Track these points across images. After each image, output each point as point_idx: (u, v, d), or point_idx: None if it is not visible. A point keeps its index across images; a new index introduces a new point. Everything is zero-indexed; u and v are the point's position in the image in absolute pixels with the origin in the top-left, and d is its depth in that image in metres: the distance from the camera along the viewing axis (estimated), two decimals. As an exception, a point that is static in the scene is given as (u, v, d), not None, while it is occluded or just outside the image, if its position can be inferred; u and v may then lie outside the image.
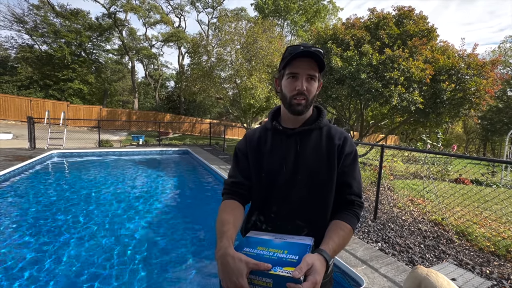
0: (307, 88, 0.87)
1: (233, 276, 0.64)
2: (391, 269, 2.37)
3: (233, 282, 0.64)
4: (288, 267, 0.63)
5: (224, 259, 0.68)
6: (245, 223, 1.01)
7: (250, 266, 0.64)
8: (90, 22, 20.81)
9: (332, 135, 0.93)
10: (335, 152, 0.90)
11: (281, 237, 0.83)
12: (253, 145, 0.99)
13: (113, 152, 8.91)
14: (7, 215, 3.66)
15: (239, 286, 0.63)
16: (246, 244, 0.78)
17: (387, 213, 4.03)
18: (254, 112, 14.77)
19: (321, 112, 0.98)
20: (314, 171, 0.89)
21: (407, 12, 7.32)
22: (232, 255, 0.67)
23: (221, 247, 0.72)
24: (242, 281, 0.63)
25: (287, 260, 0.67)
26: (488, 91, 6.61)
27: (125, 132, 17.23)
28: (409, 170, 7.33)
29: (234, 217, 0.86)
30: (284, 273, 0.61)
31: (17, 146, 8.42)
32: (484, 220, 3.79)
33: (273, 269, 0.63)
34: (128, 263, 2.66)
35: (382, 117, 9.56)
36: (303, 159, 0.90)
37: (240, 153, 1.02)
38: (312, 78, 0.88)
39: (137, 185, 5.55)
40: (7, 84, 17.59)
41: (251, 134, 1.04)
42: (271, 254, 0.71)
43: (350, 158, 0.92)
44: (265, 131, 1.01)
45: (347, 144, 0.92)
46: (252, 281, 0.64)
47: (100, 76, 22.38)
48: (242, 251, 0.73)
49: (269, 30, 12.69)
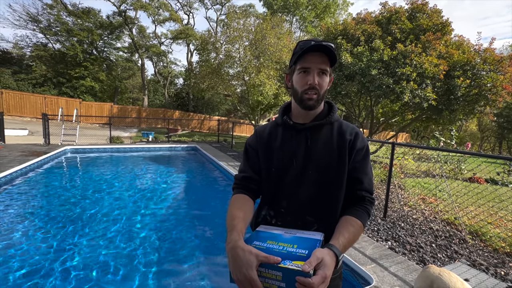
0: (318, 82, 0.86)
1: (243, 268, 0.65)
2: (401, 268, 2.34)
3: (243, 274, 0.65)
4: (298, 261, 0.64)
5: (234, 251, 0.69)
6: (255, 218, 1.01)
7: (260, 258, 0.65)
8: (101, 20, 21.17)
9: (343, 131, 0.92)
10: (346, 148, 0.89)
11: (291, 232, 0.83)
12: (263, 141, 0.99)
13: (124, 148, 9.08)
14: (24, 207, 3.80)
15: (249, 277, 0.64)
16: (256, 238, 0.79)
17: (397, 212, 3.96)
18: (262, 109, 14.73)
19: (332, 108, 0.97)
20: (324, 166, 0.89)
21: (421, 6, 7.10)
22: (242, 248, 0.68)
23: (231, 240, 0.73)
24: (252, 273, 0.64)
25: (297, 254, 0.67)
26: (506, 87, 6.36)
27: (135, 128, 17.52)
28: (421, 168, 7.17)
29: (244, 211, 0.86)
30: (293, 267, 0.61)
31: (33, 142, 8.69)
32: (500, 220, 3.68)
33: (282, 262, 0.63)
34: (139, 252, 2.72)
35: (393, 114, 9.36)
36: (313, 154, 0.90)
37: (251, 148, 1.02)
38: (323, 73, 0.87)
39: (147, 180, 5.65)
40: (22, 82, 18.15)
41: (261, 130, 1.04)
42: (281, 248, 0.71)
43: (362, 153, 0.90)
44: (275, 126, 1.01)
45: (358, 139, 0.91)
46: (262, 273, 0.65)
47: (111, 73, 22.79)
48: (252, 244, 0.73)
49: (277, 26, 12.58)
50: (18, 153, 6.58)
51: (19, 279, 2.27)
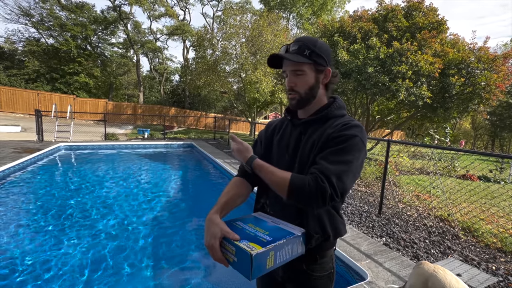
0: (296, 83, 0.90)
1: (208, 236, 0.77)
2: (395, 264, 2.37)
3: (207, 241, 0.77)
4: (254, 244, 0.70)
5: (207, 222, 0.80)
6: (255, 204, 1.07)
7: (223, 232, 0.75)
8: (95, 15, 20.80)
9: (335, 125, 0.87)
10: (324, 139, 0.84)
11: (276, 222, 0.88)
12: (267, 134, 1.07)
13: (119, 145, 9.00)
14: (17, 204, 3.75)
15: (211, 245, 0.75)
16: (242, 220, 0.88)
17: (392, 208, 4.01)
18: (259, 106, 14.72)
19: (332, 103, 0.95)
20: (305, 160, 0.88)
21: (417, 4, 7.12)
22: (213, 220, 0.79)
23: (210, 212, 0.83)
24: (214, 242, 0.75)
25: (259, 239, 0.74)
26: (499, 85, 6.44)
27: (130, 125, 17.36)
28: (415, 165, 7.25)
29: (234, 192, 0.94)
30: (245, 247, 0.69)
31: (26, 138, 8.56)
32: (491, 216, 3.75)
33: (240, 241, 0.72)
34: (134, 249, 2.71)
35: (389, 112, 9.42)
36: (301, 148, 0.91)
37: (259, 139, 1.11)
38: (297, 74, 0.89)
39: (142, 177, 5.61)
40: (15, 77, 17.80)
41: (270, 124, 1.12)
42: (252, 231, 0.79)
43: (337, 140, 0.81)
44: (281, 121, 1.07)
45: (341, 128, 0.83)
46: (224, 246, 0.75)
47: (106, 69, 22.47)
48: (234, 222, 0.84)
49: (274, 23, 12.52)
50: (10, 150, 6.47)
51: (8, 277, 2.24)
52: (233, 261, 0.72)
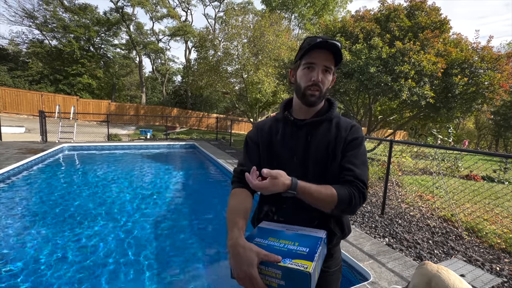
0: (322, 79, 0.87)
1: (243, 266, 0.65)
2: (398, 264, 2.36)
3: (244, 271, 0.65)
4: (298, 260, 0.64)
5: (235, 249, 0.69)
6: (257, 213, 1.01)
7: (261, 256, 0.65)
8: (98, 16, 20.95)
9: (340, 126, 0.93)
10: (341, 143, 0.90)
11: (292, 229, 0.83)
12: (264, 135, 0.99)
13: (122, 146, 9.05)
14: (21, 205, 3.79)
15: (249, 275, 0.64)
16: (257, 235, 0.79)
17: (394, 209, 3.99)
18: (261, 107, 14.71)
19: (332, 104, 0.98)
20: (322, 161, 0.90)
21: (419, 4, 7.09)
22: (243, 245, 0.68)
23: (232, 237, 0.73)
24: (252, 270, 0.64)
25: (297, 253, 0.68)
26: (503, 85, 6.39)
27: (133, 126, 17.44)
28: (418, 166, 7.21)
29: (245, 207, 0.86)
30: (293, 266, 0.62)
31: (30, 139, 8.63)
32: (495, 216, 3.72)
33: (282, 261, 0.64)
34: (137, 250, 2.73)
35: (391, 112, 9.38)
36: (312, 149, 0.91)
37: (251, 142, 1.02)
38: (327, 70, 0.88)
39: (145, 178, 5.64)
40: (19, 78, 17.96)
41: (261, 124, 1.04)
42: (282, 246, 0.71)
43: (353, 144, 0.90)
44: (275, 122, 1.01)
45: (352, 132, 0.91)
46: (262, 271, 0.65)
47: (108, 70, 22.62)
48: (253, 241, 0.74)
49: (276, 24, 12.52)
50: (15, 151, 6.53)
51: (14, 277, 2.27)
52: (278, 285, 0.63)
